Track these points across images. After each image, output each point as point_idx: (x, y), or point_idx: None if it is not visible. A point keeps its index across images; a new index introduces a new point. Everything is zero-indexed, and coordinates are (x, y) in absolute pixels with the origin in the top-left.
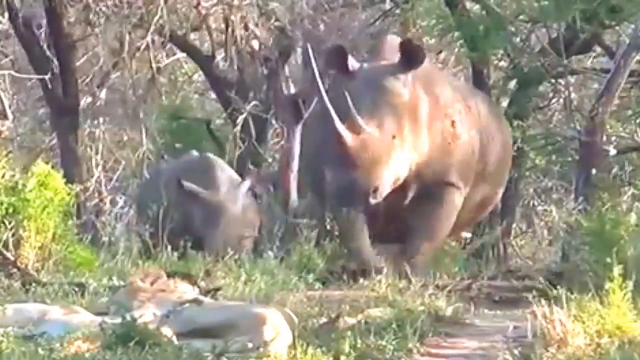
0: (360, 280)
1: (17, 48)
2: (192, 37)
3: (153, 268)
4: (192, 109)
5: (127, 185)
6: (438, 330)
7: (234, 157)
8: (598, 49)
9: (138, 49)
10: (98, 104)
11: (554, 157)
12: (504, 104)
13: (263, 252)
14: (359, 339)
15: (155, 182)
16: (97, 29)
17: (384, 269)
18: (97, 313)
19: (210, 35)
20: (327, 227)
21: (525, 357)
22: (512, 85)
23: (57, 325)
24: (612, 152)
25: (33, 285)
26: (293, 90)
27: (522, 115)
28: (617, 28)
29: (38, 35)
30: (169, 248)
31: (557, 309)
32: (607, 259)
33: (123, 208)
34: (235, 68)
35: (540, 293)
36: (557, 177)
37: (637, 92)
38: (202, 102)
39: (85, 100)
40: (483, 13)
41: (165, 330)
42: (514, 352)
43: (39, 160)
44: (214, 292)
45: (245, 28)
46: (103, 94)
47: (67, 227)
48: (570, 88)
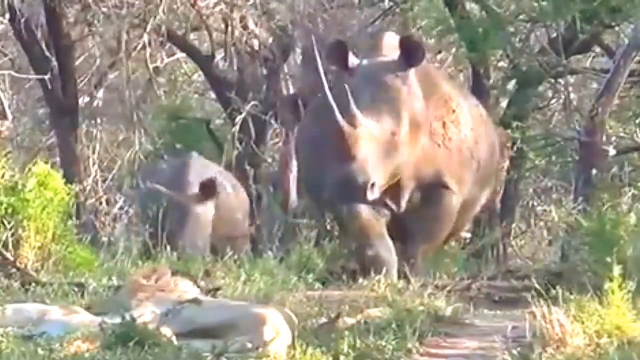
0: (360, 280)
1: (16, 48)
2: (191, 37)
3: (158, 265)
4: (191, 109)
5: (121, 185)
6: (437, 330)
7: (233, 157)
8: (597, 49)
9: (135, 49)
10: (96, 104)
11: (554, 157)
12: (504, 104)
13: (262, 252)
14: (358, 339)
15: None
16: (95, 29)
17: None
18: (97, 313)
19: (210, 35)
20: (326, 227)
21: (525, 357)
22: (511, 86)
23: (56, 326)
24: (611, 152)
25: (32, 286)
26: (292, 90)
27: (521, 116)
28: (616, 28)
29: (37, 36)
30: (169, 248)
31: (556, 309)
32: (606, 259)
33: (122, 208)
34: (235, 68)
35: (540, 293)
36: (556, 177)
37: (636, 92)
38: (201, 102)
39: (84, 100)
40: (482, 13)
41: (165, 330)
42: (513, 352)
43: (39, 160)
44: (214, 291)
45: (245, 28)
46: (101, 94)
47: (66, 227)
48: (570, 88)
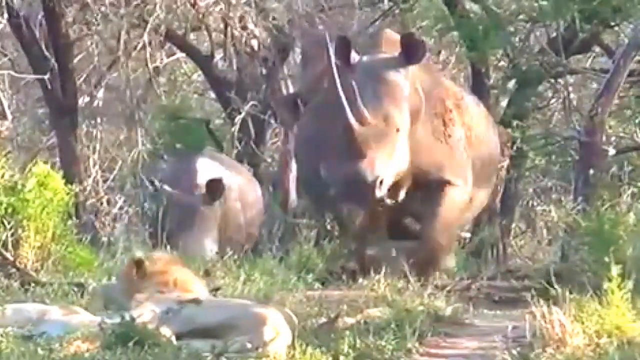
0: (360, 280)
1: (16, 48)
2: (191, 37)
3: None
4: (191, 109)
5: (123, 185)
6: (437, 330)
7: (232, 157)
8: (597, 49)
9: (135, 49)
10: (96, 104)
11: (554, 157)
12: (504, 104)
13: (262, 252)
14: (358, 339)
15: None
16: (95, 29)
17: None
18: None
19: (210, 35)
20: (326, 227)
21: (525, 357)
22: (511, 85)
23: (56, 326)
24: (611, 152)
25: (32, 285)
26: (292, 90)
27: (521, 115)
28: (616, 28)
29: (37, 35)
30: (168, 248)
31: (556, 309)
32: (606, 259)
33: (122, 208)
34: (235, 68)
35: (539, 293)
36: (556, 177)
37: (636, 91)
38: (201, 102)
39: (84, 100)
40: (482, 13)
41: (165, 331)
42: (513, 352)
43: (39, 160)
44: (214, 291)
45: (244, 28)
46: (101, 94)
47: (66, 227)
48: (570, 88)
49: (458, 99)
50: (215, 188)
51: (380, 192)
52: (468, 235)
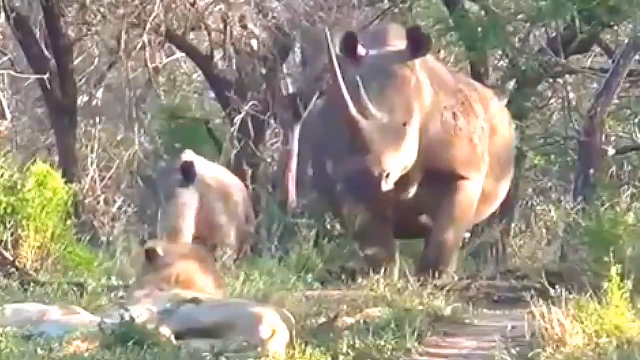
0: (359, 280)
1: (15, 48)
2: (190, 36)
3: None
4: (191, 109)
5: (120, 185)
6: (437, 330)
7: (232, 157)
8: (597, 49)
9: (135, 49)
10: (95, 104)
11: (553, 157)
12: (503, 104)
13: (262, 252)
14: (358, 339)
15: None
16: (94, 29)
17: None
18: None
19: (209, 35)
20: (326, 227)
21: (524, 357)
22: (511, 86)
23: (56, 326)
24: (611, 152)
25: (32, 285)
26: (292, 90)
27: (521, 115)
28: (615, 28)
29: (36, 35)
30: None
31: (555, 309)
32: (605, 259)
33: (121, 208)
34: (234, 68)
35: (539, 293)
36: (556, 177)
37: (636, 91)
38: (201, 101)
39: (83, 100)
40: (482, 13)
41: (164, 330)
42: (513, 352)
43: (38, 160)
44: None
45: (244, 27)
46: (100, 94)
47: (66, 227)
48: (569, 88)
49: (471, 92)
50: (189, 169)
51: (387, 185)
52: (467, 235)
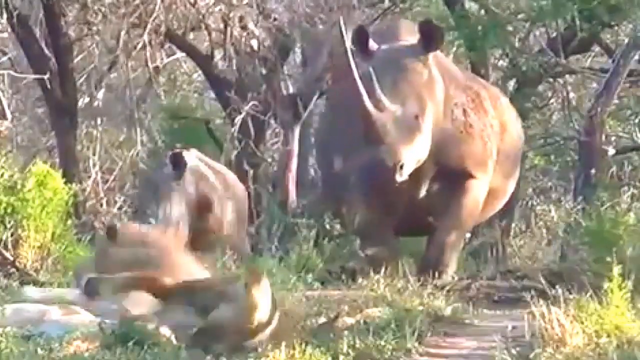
0: (359, 280)
1: (15, 47)
2: (191, 36)
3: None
4: (191, 109)
5: (123, 185)
6: (437, 330)
7: (232, 157)
8: (597, 49)
9: (135, 48)
10: (96, 104)
11: (553, 156)
12: None
13: (262, 251)
14: (358, 339)
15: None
16: (95, 28)
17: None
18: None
19: (210, 35)
20: (326, 226)
21: (524, 357)
22: (511, 85)
23: (56, 326)
24: (611, 151)
25: (32, 285)
26: (292, 90)
27: (521, 115)
28: (615, 28)
29: (37, 35)
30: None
31: (555, 309)
32: (605, 259)
33: (121, 208)
34: (234, 68)
35: (539, 293)
36: (556, 177)
37: (636, 91)
38: (201, 101)
39: (84, 100)
40: (482, 12)
41: (164, 330)
42: (513, 352)
43: (38, 160)
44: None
45: (244, 28)
46: (101, 94)
47: (66, 226)
48: (569, 88)
49: (481, 89)
50: (178, 160)
51: (401, 176)
52: (467, 235)
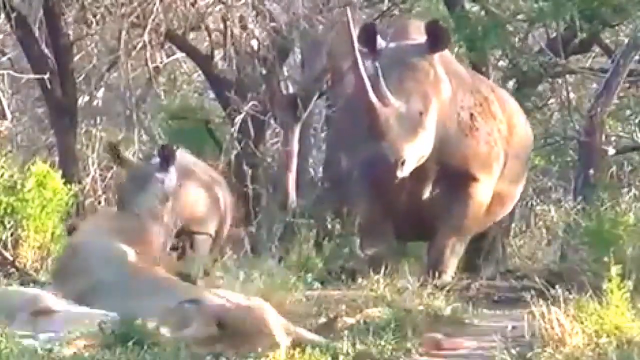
0: (359, 280)
1: (16, 47)
2: (190, 36)
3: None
4: (191, 109)
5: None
6: (437, 330)
7: (232, 157)
8: (597, 49)
9: (135, 48)
10: (95, 104)
11: (553, 156)
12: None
13: (262, 252)
14: (358, 339)
15: None
16: (95, 28)
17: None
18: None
19: (209, 35)
20: (327, 226)
21: (524, 357)
22: (510, 85)
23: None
24: (611, 152)
25: (31, 285)
26: (291, 90)
27: None
28: (616, 28)
29: (36, 35)
30: (168, 248)
31: (555, 309)
32: (605, 259)
33: None
34: (234, 68)
35: (539, 293)
36: (556, 177)
37: (635, 91)
38: (201, 101)
39: (83, 100)
40: (482, 13)
41: (164, 330)
42: (513, 352)
43: (38, 160)
44: None
45: (244, 28)
46: (101, 93)
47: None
48: (569, 88)
49: (490, 93)
50: (168, 153)
51: (402, 173)
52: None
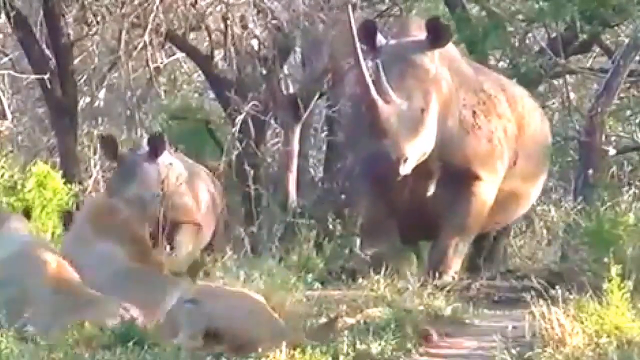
0: (359, 280)
1: (16, 47)
2: (191, 36)
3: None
4: (192, 109)
5: None
6: (437, 330)
7: (232, 157)
8: (597, 49)
9: (135, 49)
10: (96, 104)
11: (554, 157)
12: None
13: (262, 252)
14: (358, 339)
15: None
16: (95, 28)
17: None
18: None
19: (210, 35)
20: (327, 226)
21: (524, 357)
22: None
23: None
24: (611, 152)
25: None
26: (292, 90)
27: None
28: (616, 28)
29: (37, 35)
30: (168, 247)
31: (555, 309)
32: (605, 259)
33: None
34: (234, 68)
35: (539, 293)
36: (556, 177)
37: (636, 92)
38: (201, 102)
39: (84, 100)
40: (482, 13)
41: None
42: (513, 352)
43: (38, 160)
44: None
45: (244, 27)
46: (101, 94)
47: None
48: (569, 88)
49: (497, 92)
50: (157, 143)
51: (405, 170)
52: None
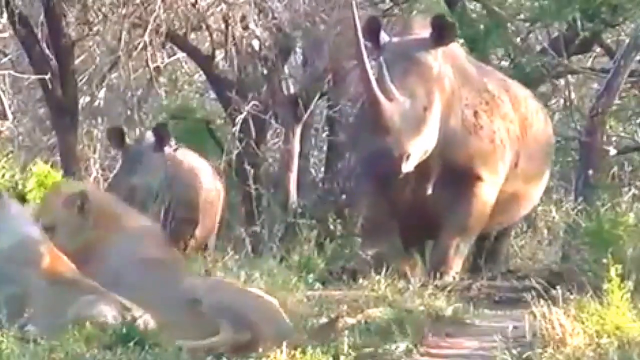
0: (360, 280)
1: (17, 47)
2: (192, 36)
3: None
4: (192, 109)
5: None
6: (438, 330)
7: (233, 157)
8: (598, 49)
9: (136, 49)
10: (97, 104)
11: (554, 157)
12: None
13: (263, 252)
14: (359, 339)
15: None
16: (95, 29)
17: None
18: None
19: (210, 35)
20: (329, 227)
21: (524, 357)
22: None
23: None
24: (612, 152)
25: None
26: (293, 90)
27: None
28: (617, 28)
29: (38, 35)
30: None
31: (556, 309)
32: (605, 260)
33: None
34: (235, 68)
35: (540, 293)
36: (556, 177)
37: (637, 92)
38: (202, 102)
39: (85, 100)
40: (483, 13)
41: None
42: (513, 352)
43: (39, 160)
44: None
45: (245, 28)
46: (102, 94)
47: None
48: (570, 88)
49: (501, 93)
50: (162, 133)
51: (407, 167)
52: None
